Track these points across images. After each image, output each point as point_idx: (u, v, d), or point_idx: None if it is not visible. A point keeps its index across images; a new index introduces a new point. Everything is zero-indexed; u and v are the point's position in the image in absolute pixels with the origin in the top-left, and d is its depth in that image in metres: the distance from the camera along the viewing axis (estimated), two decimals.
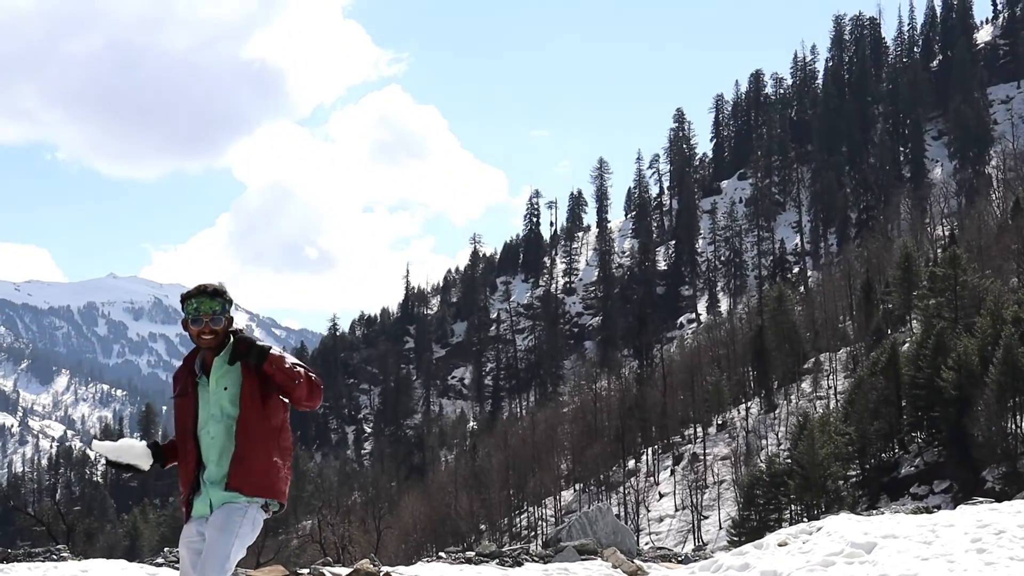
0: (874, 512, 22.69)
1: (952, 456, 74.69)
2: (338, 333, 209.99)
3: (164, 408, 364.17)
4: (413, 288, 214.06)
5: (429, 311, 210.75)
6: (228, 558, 7.01)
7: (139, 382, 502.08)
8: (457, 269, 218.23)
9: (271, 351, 6.95)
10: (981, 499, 23.98)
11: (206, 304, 7.03)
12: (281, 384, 7.02)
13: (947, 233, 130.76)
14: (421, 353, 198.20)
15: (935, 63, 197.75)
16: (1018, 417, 71.96)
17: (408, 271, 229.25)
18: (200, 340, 7.04)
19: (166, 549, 15.88)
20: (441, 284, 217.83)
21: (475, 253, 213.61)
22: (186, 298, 7.09)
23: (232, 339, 7.15)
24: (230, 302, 7.20)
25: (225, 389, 7.07)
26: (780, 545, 16.90)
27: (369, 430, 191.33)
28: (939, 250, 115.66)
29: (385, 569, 14.91)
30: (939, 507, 22.95)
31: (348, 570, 14.14)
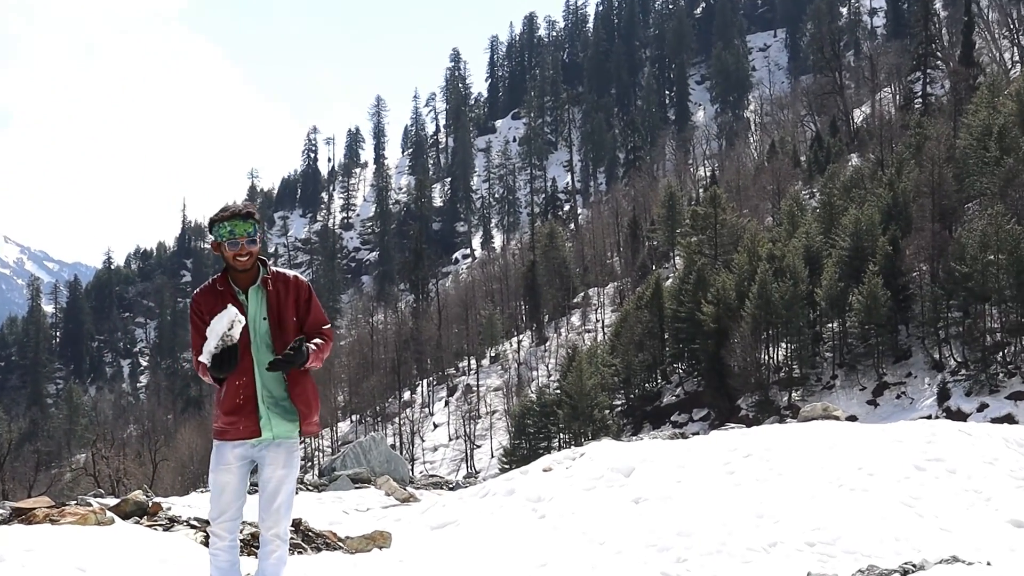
0: (636, 439, 23.32)
1: (710, 385, 76.97)
2: (113, 267, 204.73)
3: None
4: (190, 222, 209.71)
5: (206, 245, 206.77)
6: (293, 495, 7.14)
7: None
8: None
9: (311, 352, 7.02)
10: (734, 425, 24.88)
11: (240, 227, 6.92)
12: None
13: (708, 173, 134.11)
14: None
15: (699, 10, 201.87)
16: (770, 348, 74.62)
17: (185, 205, 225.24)
18: (237, 262, 6.98)
19: None
20: None
21: (253, 187, 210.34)
22: (217, 221, 6.94)
23: (262, 267, 7.12)
24: (259, 223, 7.07)
25: (264, 319, 7.03)
26: (545, 471, 17.25)
27: (145, 364, 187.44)
28: (701, 190, 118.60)
29: (157, 500, 14.75)
30: (697, 433, 23.73)
31: (117, 500, 13.93)
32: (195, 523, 12.03)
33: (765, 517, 12.82)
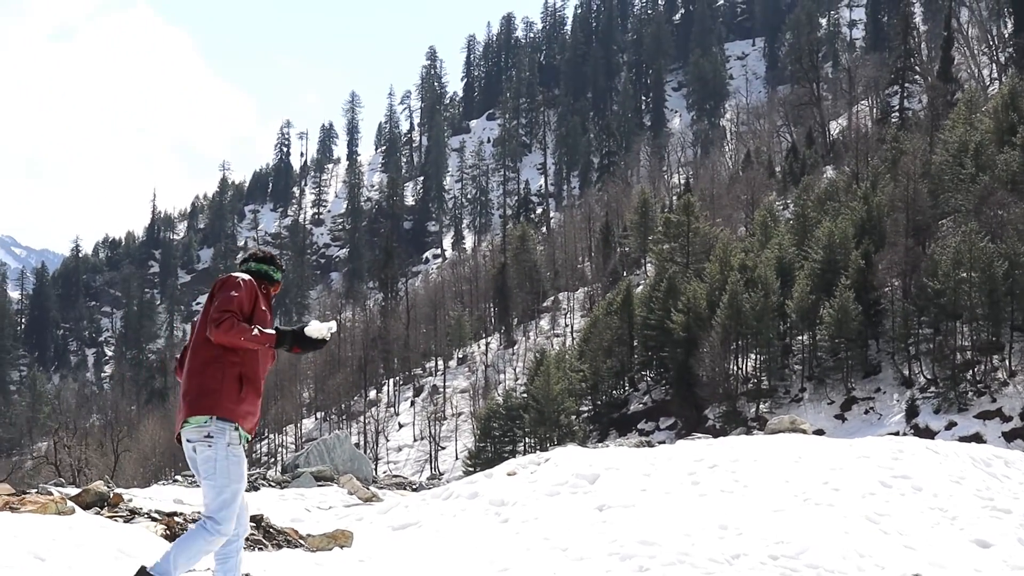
0: (601, 446, 23.40)
1: (678, 394, 77.13)
2: (80, 255, 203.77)
3: None
4: (160, 212, 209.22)
5: (175, 236, 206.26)
6: None
7: None
8: (205, 195, 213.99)
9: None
10: (700, 435, 24.95)
11: (277, 274, 7.84)
12: None
13: (682, 181, 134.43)
14: (166, 278, 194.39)
15: (678, 16, 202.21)
16: (739, 359, 74.80)
17: (155, 195, 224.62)
18: (267, 299, 7.62)
19: None
20: (189, 210, 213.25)
21: (224, 180, 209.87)
22: (274, 264, 7.83)
23: None
24: None
25: None
26: (509, 475, 17.26)
27: (110, 353, 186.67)
28: (674, 197, 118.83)
29: (118, 491, 14.70)
30: (663, 442, 23.81)
31: (78, 490, 13.88)
32: (156, 515, 11.99)
33: (729, 529, 12.85)
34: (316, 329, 7.13)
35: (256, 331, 7.04)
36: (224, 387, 7.12)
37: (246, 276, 7.44)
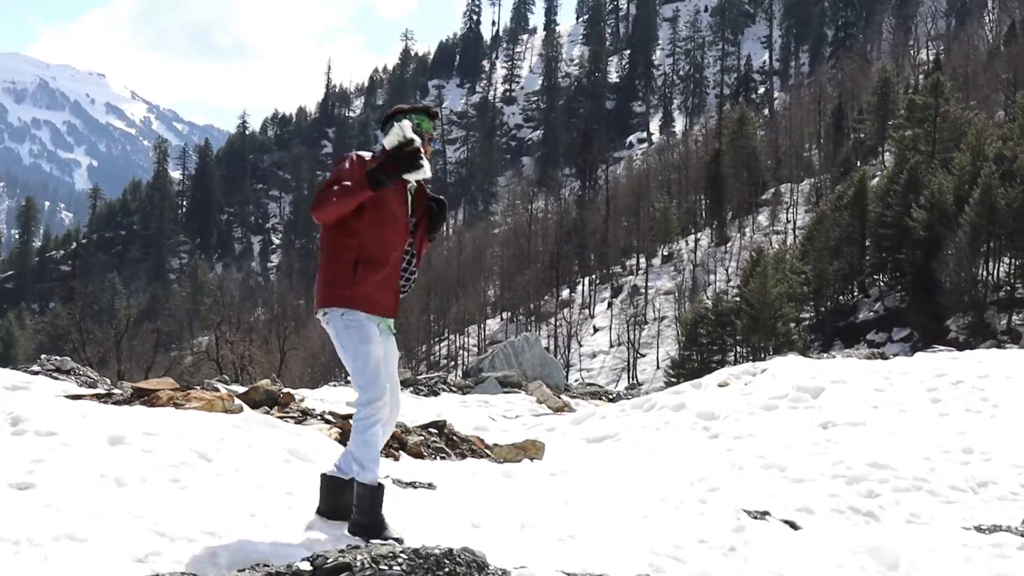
0: (826, 356, 23.13)
1: (915, 302, 75.77)
2: (248, 132, 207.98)
3: (47, 204, 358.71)
4: (335, 87, 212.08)
5: (351, 113, 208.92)
6: None
7: (19, 172, 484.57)
8: (385, 68, 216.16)
9: None
10: (942, 348, 24.47)
11: (427, 123, 7.45)
12: None
13: (932, 58, 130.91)
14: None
15: None
16: (990, 264, 73.01)
17: (330, 67, 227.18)
18: None
19: (43, 357, 15.80)
20: (367, 84, 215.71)
21: (406, 51, 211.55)
22: (409, 112, 7.41)
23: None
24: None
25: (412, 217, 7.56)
26: (720, 386, 17.20)
27: (278, 241, 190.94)
28: (921, 76, 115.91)
29: (287, 390, 15.05)
30: (897, 355, 23.43)
31: (246, 388, 14.23)
32: (329, 417, 12.24)
33: (975, 453, 12.61)
34: (391, 140, 7.02)
35: (346, 186, 7.05)
36: (339, 276, 7.23)
37: (355, 152, 7.41)
